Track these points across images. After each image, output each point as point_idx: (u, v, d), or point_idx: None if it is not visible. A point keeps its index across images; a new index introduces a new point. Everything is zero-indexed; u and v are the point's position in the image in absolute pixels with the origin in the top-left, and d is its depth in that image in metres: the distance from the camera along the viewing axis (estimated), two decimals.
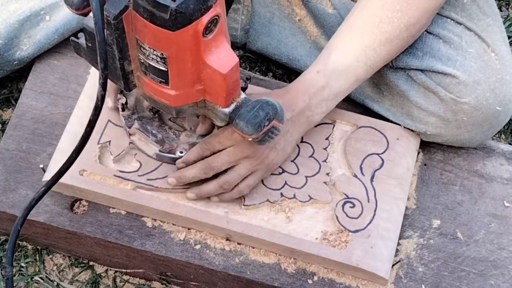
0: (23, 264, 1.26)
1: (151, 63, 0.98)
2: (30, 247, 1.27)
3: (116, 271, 1.26)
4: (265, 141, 1.07)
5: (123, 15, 0.93)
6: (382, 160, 1.23)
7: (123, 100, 1.20)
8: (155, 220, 1.20)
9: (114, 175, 1.19)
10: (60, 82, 1.32)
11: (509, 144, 1.39)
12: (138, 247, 1.18)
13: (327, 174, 1.21)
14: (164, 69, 0.98)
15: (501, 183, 1.27)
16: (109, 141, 1.21)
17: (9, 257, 1.07)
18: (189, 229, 1.20)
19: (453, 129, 1.23)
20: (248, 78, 1.14)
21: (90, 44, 1.00)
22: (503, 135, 1.46)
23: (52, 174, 1.05)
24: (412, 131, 1.26)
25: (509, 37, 1.53)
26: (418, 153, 1.28)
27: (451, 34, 1.20)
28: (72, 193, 1.21)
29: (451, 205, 1.25)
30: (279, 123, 1.06)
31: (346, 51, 1.16)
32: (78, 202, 1.22)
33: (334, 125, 1.26)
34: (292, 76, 1.41)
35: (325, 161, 1.22)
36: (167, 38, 0.93)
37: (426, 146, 1.29)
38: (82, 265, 1.27)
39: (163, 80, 1.00)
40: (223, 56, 0.98)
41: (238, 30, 1.39)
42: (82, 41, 1.02)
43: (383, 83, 1.25)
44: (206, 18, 0.93)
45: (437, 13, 1.22)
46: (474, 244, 1.22)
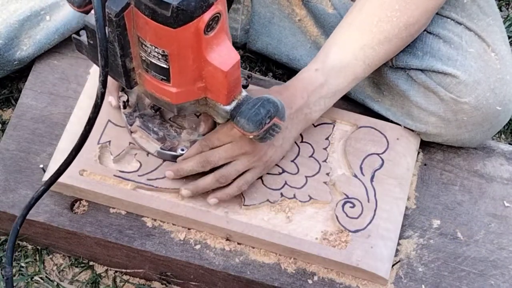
0: (23, 264, 1.26)
1: (153, 61, 0.99)
2: (30, 247, 1.27)
3: (116, 271, 1.26)
4: (266, 139, 1.07)
5: (125, 12, 0.93)
6: (382, 160, 1.23)
7: (125, 98, 1.20)
8: (155, 220, 1.20)
9: (114, 175, 1.19)
10: (60, 82, 1.32)
11: (509, 144, 1.39)
12: (138, 247, 1.18)
13: (327, 174, 1.21)
14: (166, 67, 0.99)
15: (501, 183, 1.27)
16: (109, 141, 1.21)
17: (9, 257, 1.07)
18: (189, 229, 1.20)
19: (453, 129, 1.23)
20: (250, 76, 1.14)
21: (92, 42, 1.00)
22: (503, 135, 1.46)
23: (51, 174, 1.05)
24: (412, 131, 1.26)
25: (509, 37, 1.52)
26: (418, 153, 1.28)
27: (451, 34, 1.20)
28: (72, 193, 1.21)
29: (451, 205, 1.25)
30: (280, 121, 1.06)
31: (345, 49, 1.16)
32: (78, 202, 1.22)
33: (334, 125, 1.26)
34: (292, 76, 1.41)
35: (325, 161, 1.22)
36: (169, 36, 0.93)
37: (426, 146, 1.29)
38: (82, 265, 1.27)
39: (165, 78, 1.01)
40: (225, 54, 0.98)
41: (238, 30, 1.39)
42: (84, 39, 1.03)
43: (383, 83, 1.25)
44: (208, 16, 0.93)
45: (437, 13, 1.22)
46: (474, 244, 1.22)
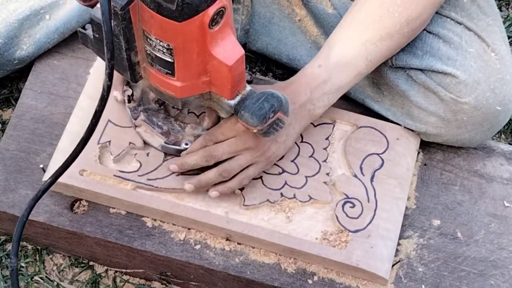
0: (23, 264, 1.26)
1: (158, 54, 0.99)
2: (30, 247, 1.27)
3: (116, 271, 1.26)
4: (270, 133, 1.07)
5: (130, 6, 0.93)
6: (382, 160, 1.23)
7: (129, 92, 1.20)
8: (155, 220, 1.20)
9: (114, 175, 1.19)
10: (60, 82, 1.32)
11: (509, 144, 1.39)
12: (138, 247, 1.18)
13: (327, 174, 1.21)
14: (171, 60, 0.99)
15: (501, 183, 1.27)
16: (109, 141, 1.21)
17: (15, 248, 1.05)
18: (189, 229, 1.20)
19: (453, 129, 1.23)
20: (254, 72, 1.14)
21: (97, 35, 1.01)
22: (503, 135, 1.46)
23: (51, 175, 1.06)
24: (412, 131, 1.26)
25: (509, 37, 1.52)
26: (418, 153, 1.28)
27: (451, 34, 1.20)
28: (72, 193, 1.21)
29: (451, 205, 1.25)
30: (284, 116, 1.06)
31: (347, 46, 1.16)
32: (78, 202, 1.22)
33: (334, 125, 1.26)
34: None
35: (325, 161, 1.22)
36: (174, 29, 0.93)
37: (426, 146, 1.29)
38: (82, 265, 1.27)
39: (169, 72, 1.01)
40: (229, 48, 0.98)
41: (238, 30, 1.39)
42: (89, 32, 1.03)
43: (383, 83, 1.25)
44: (213, 10, 0.93)
45: (437, 12, 1.22)
46: (474, 244, 1.22)
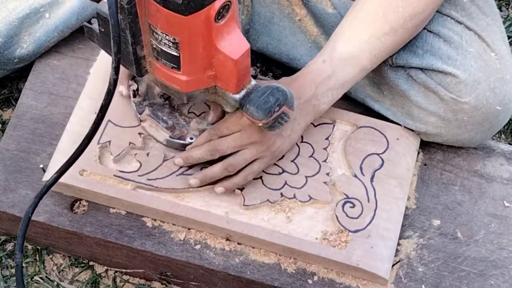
0: (23, 264, 1.26)
1: (163, 48, 0.99)
2: (30, 247, 1.27)
3: (116, 271, 1.26)
4: (275, 127, 1.07)
5: (136, 0, 0.93)
6: (382, 160, 1.23)
7: (135, 87, 1.21)
8: (155, 220, 1.20)
9: (114, 175, 1.19)
10: (60, 82, 1.32)
11: (509, 144, 1.39)
12: (138, 247, 1.18)
13: (327, 174, 1.21)
14: (176, 54, 0.99)
15: (501, 183, 1.27)
16: (109, 141, 1.21)
17: (20, 244, 1.05)
18: (189, 229, 1.20)
19: (453, 129, 1.23)
20: (258, 66, 1.14)
21: (103, 29, 1.01)
22: (503, 135, 1.46)
23: (52, 174, 1.05)
24: (412, 131, 1.26)
25: (509, 37, 1.52)
26: (418, 153, 1.28)
27: (451, 33, 1.20)
28: (72, 193, 1.21)
29: (451, 205, 1.25)
30: (289, 110, 1.07)
31: (351, 41, 1.16)
32: (78, 202, 1.22)
33: (334, 125, 1.26)
34: None
35: (325, 161, 1.22)
36: (180, 23, 0.94)
37: (426, 146, 1.29)
38: (82, 265, 1.27)
39: (175, 66, 1.01)
40: (235, 42, 0.98)
41: None
42: (95, 27, 1.03)
43: (384, 83, 1.25)
44: (218, 4, 0.93)
45: (437, 11, 1.21)
46: (474, 244, 1.22)
